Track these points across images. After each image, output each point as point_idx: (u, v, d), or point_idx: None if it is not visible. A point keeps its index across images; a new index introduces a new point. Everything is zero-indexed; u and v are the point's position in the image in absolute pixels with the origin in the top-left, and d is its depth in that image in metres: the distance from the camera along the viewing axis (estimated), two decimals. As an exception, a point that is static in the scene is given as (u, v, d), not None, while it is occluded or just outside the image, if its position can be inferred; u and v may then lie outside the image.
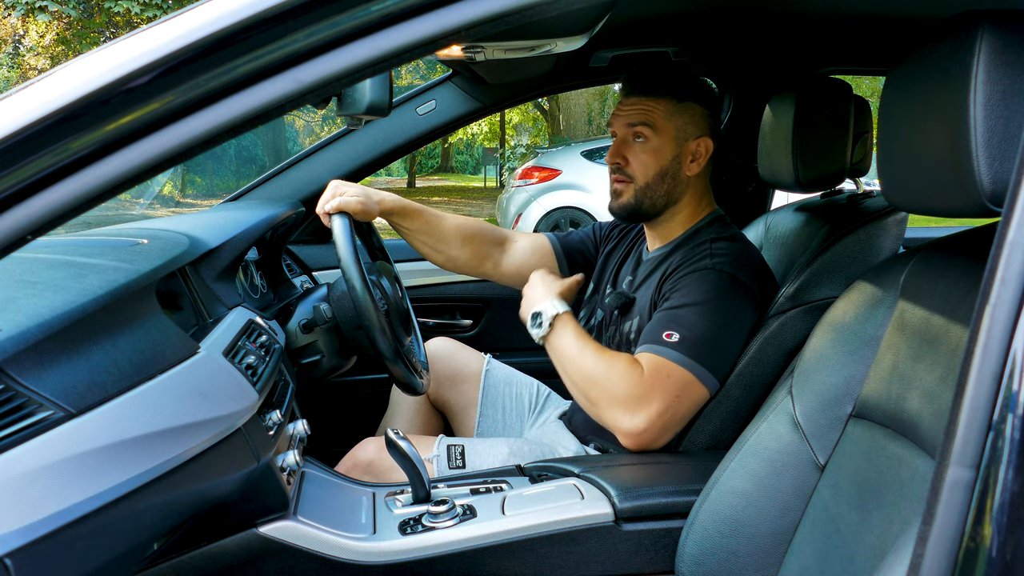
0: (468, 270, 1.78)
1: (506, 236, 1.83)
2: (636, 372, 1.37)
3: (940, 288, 0.94)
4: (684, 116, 1.55)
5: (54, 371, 0.80)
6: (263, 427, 1.16)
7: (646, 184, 1.55)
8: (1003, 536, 0.51)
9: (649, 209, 1.57)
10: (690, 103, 1.55)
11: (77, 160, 0.64)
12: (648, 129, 1.53)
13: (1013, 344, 0.52)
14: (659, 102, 1.54)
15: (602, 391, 1.38)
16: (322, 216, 1.54)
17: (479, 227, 1.79)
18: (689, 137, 1.55)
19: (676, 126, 1.54)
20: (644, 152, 1.55)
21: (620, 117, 1.57)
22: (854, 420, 1.05)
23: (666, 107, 1.54)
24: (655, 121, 1.53)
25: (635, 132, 1.54)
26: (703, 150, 1.56)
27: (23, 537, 0.69)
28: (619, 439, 1.39)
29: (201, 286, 1.33)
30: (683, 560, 1.18)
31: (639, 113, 1.54)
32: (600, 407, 1.39)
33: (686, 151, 1.55)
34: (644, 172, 1.55)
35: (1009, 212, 0.54)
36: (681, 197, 1.58)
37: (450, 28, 0.67)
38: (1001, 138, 0.78)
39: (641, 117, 1.54)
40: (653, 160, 1.54)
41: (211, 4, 0.65)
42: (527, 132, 19.45)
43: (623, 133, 1.57)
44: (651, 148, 1.54)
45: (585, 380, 1.41)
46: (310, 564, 1.18)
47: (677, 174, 1.56)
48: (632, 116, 1.55)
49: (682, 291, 1.43)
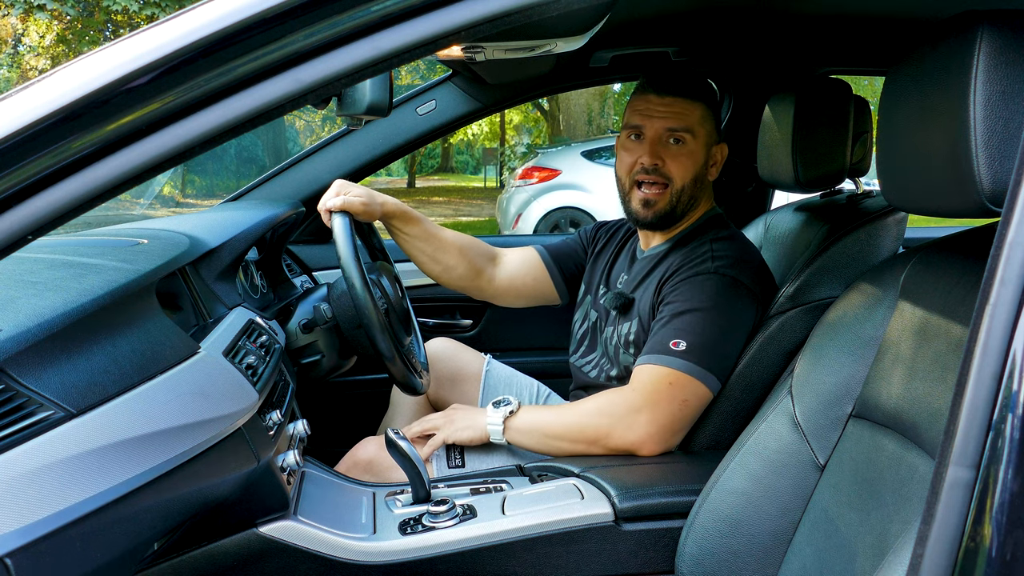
0: (463, 283, 1.76)
1: (496, 251, 1.82)
2: (621, 391, 1.42)
3: (940, 288, 0.94)
4: (712, 122, 1.56)
5: (54, 371, 0.80)
6: (263, 427, 1.16)
7: (682, 188, 1.53)
8: (1003, 536, 0.51)
9: (680, 214, 1.56)
10: (712, 110, 1.56)
11: (77, 160, 0.64)
12: (687, 134, 1.51)
13: (1013, 344, 0.52)
14: (696, 106, 1.52)
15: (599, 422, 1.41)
16: (323, 213, 1.54)
17: (473, 241, 1.78)
18: (713, 142, 1.56)
19: (707, 131, 1.54)
20: (682, 155, 1.52)
21: (656, 118, 1.51)
22: (854, 420, 1.05)
23: (701, 112, 1.53)
24: (693, 126, 1.52)
25: (675, 136, 1.51)
26: (720, 156, 1.58)
27: (23, 537, 0.69)
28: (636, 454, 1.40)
29: (201, 286, 1.33)
30: (683, 560, 1.18)
31: (679, 116, 1.51)
32: (603, 438, 1.41)
33: (712, 156, 1.56)
34: (683, 176, 1.52)
35: (1009, 212, 0.54)
36: (700, 202, 1.58)
37: (450, 28, 0.67)
38: (1001, 138, 0.78)
39: (682, 121, 1.51)
40: (691, 164, 1.52)
41: (211, 4, 0.65)
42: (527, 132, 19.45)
43: (659, 134, 1.52)
44: (688, 151, 1.52)
45: (576, 424, 1.43)
46: (310, 564, 1.18)
47: (704, 179, 1.56)
48: (672, 119, 1.51)
49: (685, 295, 1.43)
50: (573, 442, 1.43)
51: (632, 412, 1.38)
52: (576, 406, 1.47)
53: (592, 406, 1.44)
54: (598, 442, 1.41)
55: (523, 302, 1.84)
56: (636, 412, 1.38)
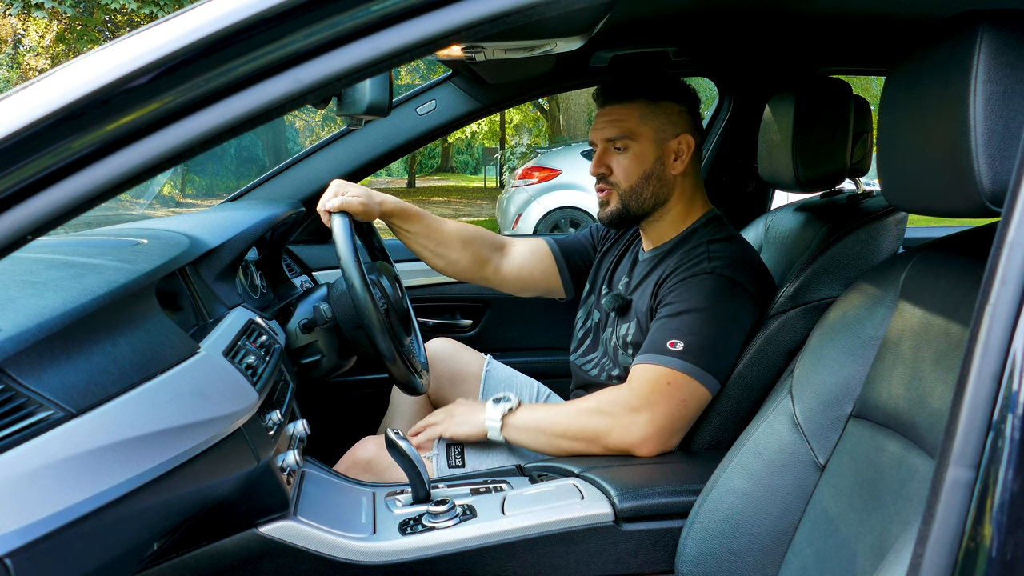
0: (469, 274, 1.77)
1: (505, 241, 1.82)
2: (619, 390, 1.42)
3: (940, 288, 0.94)
4: (660, 116, 1.55)
5: (54, 371, 0.80)
6: (263, 427, 1.16)
7: (630, 188, 1.55)
8: (1003, 536, 0.51)
9: (637, 212, 1.57)
10: (666, 102, 1.55)
11: (77, 160, 0.64)
12: (626, 139, 1.54)
13: (1013, 344, 0.52)
14: (633, 107, 1.54)
15: (598, 421, 1.41)
16: (322, 214, 1.54)
17: (478, 232, 1.78)
18: (669, 137, 1.55)
19: (654, 128, 1.54)
20: (625, 158, 1.55)
21: (597, 130, 1.58)
22: (854, 420, 1.05)
23: (640, 110, 1.54)
24: (631, 127, 1.54)
25: (614, 144, 1.55)
26: (685, 147, 1.56)
27: (23, 537, 0.69)
28: (634, 454, 1.40)
29: (201, 286, 1.33)
30: (683, 560, 1.18)
31: (614, 124, 1.55)
32: (602, 437, 1.41)
33: (668, 151, 1.55)
34: (627, 177, 1.55)
35: (1009, 212, 0.54)
36: (669, 197, 1.58)
37: (450, 28, 0.67)
38: (1001, 138, 0.78)
39: (617, 128, 1.54)
40: (635, 165, 1.54)
41: (211, 4, 0.65)
42: (527, 132, 19.44)
43: (603, 145, 1.57)
44: (631, 154, 1.54)
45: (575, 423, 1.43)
46: (310, 564, 1.18)
47: (662, 175, 1.56)
48: (608, 128, 1.55)
49: (682, 296, 1.43)
50: (571, 440, 1.43)
51: (630, 412, 1.38)
52: (575, 404, 1.47)
53: (591, 405, 1.44)
54: (596, 441, 1.41)
55: (528, 293, 1.85)
56: (634, 412, 1.38)
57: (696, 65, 2.11)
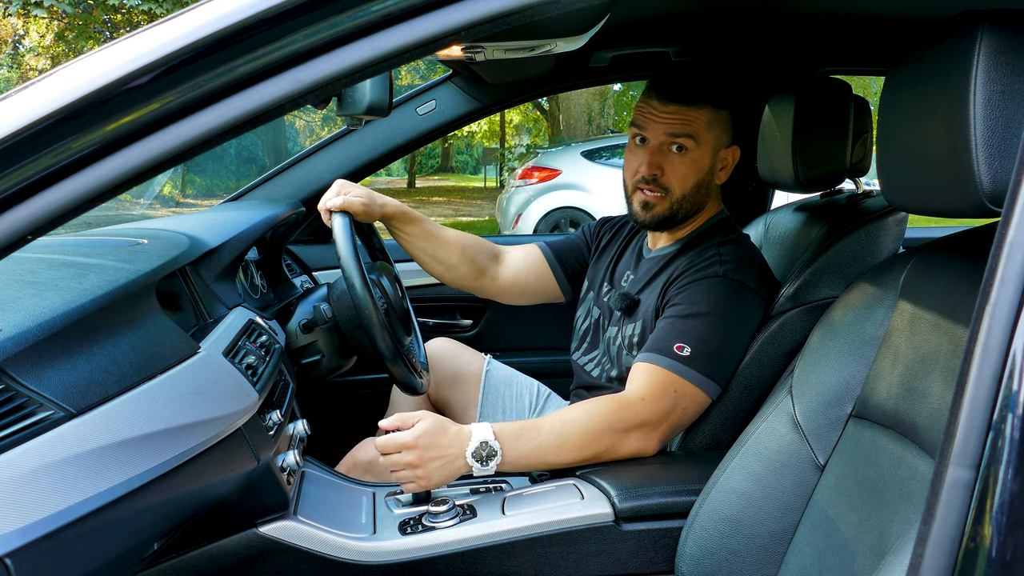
0: (466, 282, 1.75)
1: (499, 249, 1.81)
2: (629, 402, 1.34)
3: (940, 288, 0.94)
4: (721, 125, 1.50)
5: (54, 371, 0.80)
6: (263, 427, 1.16)
7: (683, 196, 1.49)
8: (1003, 536, 0.51)
9: (682, 219, 1.53)
10: (723, 111, 1.50)
11: (77, 160, 0.64)
12: (691, 141, 1.46)
13: (1013, 344, 0.52)
14: (701, 111, 1.46)
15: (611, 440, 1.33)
16: (323, 213, 1.53)
17: (475, 240, 1.77)
18: (722, 146, 1.51)
19: (715, 136, 1.49)
20: (683, 164, 1.48)
21: (658, 124, 1.47)
22: (854, 420, 1.05)
23: (707, 117, 1.47)
24: (698, 133, 1.46)
25: (676, 143, 1.47)
26: (731, 159, 1.53)
27: (23, 537, 0.69)
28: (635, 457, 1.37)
29: (201, 286, 1.33)
30: (683, 560, 1.18)
31: (682, 124, 1.46)
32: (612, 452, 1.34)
33: (719, 160, 1.52)
34: (682, 184, 1.48)
35: (1009, 212, 0.54)
36: (706, 204, 1.55)
37: (450, 28, 0.67)
38: (1001, 138, 0.78)
39: (685, 128, 1.46)
40: (692, 172, 1.48)
41: (211, 4, 0.65)
42: (527, 132, 19.44)
43: (660, 141, 1.48)
44: (691, 160, 1.48)
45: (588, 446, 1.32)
46: (310, 564, 1.18)
47: (709, 184, 1.52)
48: (675, 126, 1.46)
49: (691, 298, 1.41)
50: (579, 460, 1.34)
51: (642, 424, 1.34)
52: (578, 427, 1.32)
53: (599, 425, 1.32)
54: (605, 456, 1.34)
55: (526, 300, 1.83)
56: (646, 423, 1.35)
57: (703, 66, 2.11)
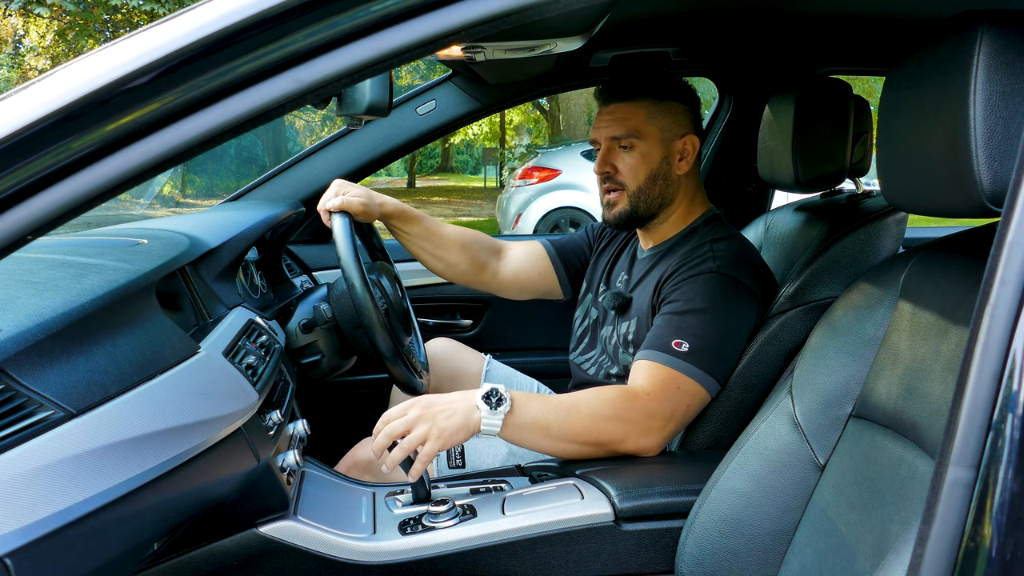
0: (467, 278, 1.77)
1: (501, 244, 1.82)
2: (635, 395, 1.34)
3: (940, 288, 0.94)
4: (667, 116, 1.53)
5: (54, 371, 0.80)
6: (263, 427, 1.16)
7: (638, 189, 1.54)
8: (1003, 536, 0.51)
9: (644, 213, 1.56)
10: (670, 102, 1.54)
11: (77, 160, 0.64)
12: (632, 137, 1.52)
13: (1013, 344, 0.52)
14: (639, 105, 1.52)
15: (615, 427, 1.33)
16: (322, 213, 1.54)
17: (476, 236, 1.79)
18: (675, 136, 1.54)
19: (660, 127, 1.53)
20: (632, 158, 1.53)
21: (601, 128, 1.55)
22: (854, 420, 1.05)
23: (647, 110, 1.52)
24: (638, 126, 1.52)
25: (620, 143, 1.53)
26: (690, 148, 1.56)
27: (23, 537, 0.69)
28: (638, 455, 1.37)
29: (201, 286, 1.33)
30: (683, 560, 1.18)
31: (620, 122, 1.53)
32: (616, 443, 1.34)
33: (673, 151, 1.54)
34: (635, 177, 1.53)
35: (1009, 212, 0.54)
36: (674, 197, 1.57)
37: (450, 28, 0.67)
38: (1001, 138, 0.78)
39: (623, 127, 1.52)
40: (642, 164, 1.53)
41: (211, 4, 0.65)
42: (527, 132, 19.44)
43: (608, 144, 1.55)
44: (638, 153, 1.53)
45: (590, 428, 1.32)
46: (310, 564, 1.18)
47: (668, 175, 1.55)
48: (614, 127, 1.53)
49: (686, 295, 1.42)
50: (580, 444, 1.34)
51: (648, 418, 1.34)
52: (586, 406, 1.33)
53: (606, 410, 1.33)
54: (607, 446, 1.35)
55: (527, 295, 1.85)
56: (652, 418, 1.34)
57: (696, 65, 2.11)
